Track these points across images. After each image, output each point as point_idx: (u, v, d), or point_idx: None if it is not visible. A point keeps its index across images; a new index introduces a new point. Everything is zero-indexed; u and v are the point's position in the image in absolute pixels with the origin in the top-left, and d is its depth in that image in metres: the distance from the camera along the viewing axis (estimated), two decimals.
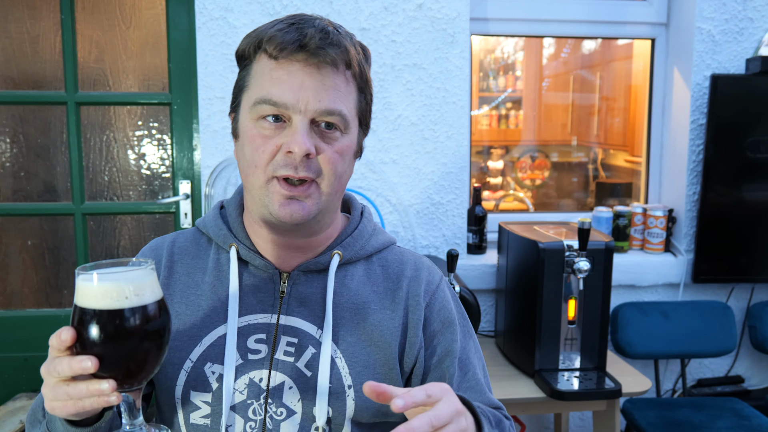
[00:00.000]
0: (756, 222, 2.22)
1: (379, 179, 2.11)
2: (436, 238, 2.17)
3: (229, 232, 0.92)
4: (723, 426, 1.96)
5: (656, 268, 2.25)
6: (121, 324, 0.67)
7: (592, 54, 2.99)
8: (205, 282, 0.91)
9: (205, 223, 0.96)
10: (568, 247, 1.69)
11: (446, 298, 0.96)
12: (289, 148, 0.79)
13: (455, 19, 2.06)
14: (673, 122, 2.33)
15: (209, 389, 0.86)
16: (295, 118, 0.80)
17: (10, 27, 2.12)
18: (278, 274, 0.90)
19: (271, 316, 0.89)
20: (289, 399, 0.86)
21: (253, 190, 0.84)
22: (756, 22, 2.18)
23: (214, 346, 0.87)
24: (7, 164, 2.18)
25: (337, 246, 0.92)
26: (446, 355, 0.92)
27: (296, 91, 0.80)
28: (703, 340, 2.21)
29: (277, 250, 0.90)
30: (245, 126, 0.84)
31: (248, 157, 0.83)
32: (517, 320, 1.87)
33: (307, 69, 0.80)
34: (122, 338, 0.67)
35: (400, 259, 0.97)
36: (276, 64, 0.81)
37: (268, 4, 1.99)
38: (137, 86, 2.18)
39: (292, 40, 0.80)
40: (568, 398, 1.62)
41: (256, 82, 0.83)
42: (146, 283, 0.70)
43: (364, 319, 0.89)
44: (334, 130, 0.83)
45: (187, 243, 0.96)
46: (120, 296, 0.67)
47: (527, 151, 3.07)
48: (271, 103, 0.80)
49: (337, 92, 0.82)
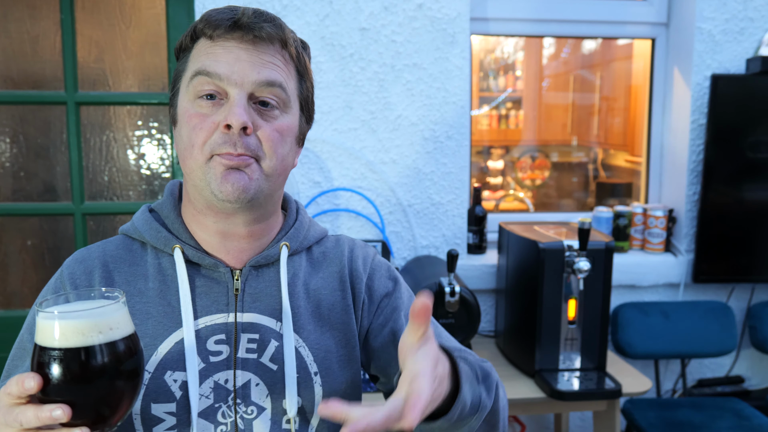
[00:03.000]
0: (756, 222, 2.22)
1: (379, 179, 2.11)
2: (436, 238, 2.17)
3: (169, 233, 0.88)
4: (723, 426, 1.96)
5: (656, 268, 2.25)
6: (94, 363, 0.61)
7: (592, 54, 2.99)
8: (149, 288, 0.86)
9: (137, 228, 0.90)
10: (568, 247, 1.69)
11: (383, 267, 0.99)
12: (227, 122, 0.77)
13: (455, 19, 2.06)
14: (673, 122, 2.32)
15: (172, 399, 0.82)
16: (231, 92, 0.79)
17: (10, 27, 2.12)
18: (230, 271, 0.87)
19: (228, 315, 0.86)
20: (257, 396, 0.85)
21: (193, 172, 0.81)
22: (756, 21, 2.18)
23: (171, 354, 0.83)
24: (7, 164, 2.18)
25: (282, 238, 0.91)
26: (393, 311, 0.94)
27: (232, 63, 0.78)
28: (703, 340, 2.21)
29: (224, 242, 0.87)
30: (183, 108, 0.82)
31: (185, 139, 0.81)
32: (517, 320, 1.87)
33: (242, 45, 0.79)
34: (96, 379, 0.61)
35: (335, 244, 0.98)
36: (212, 43, 0.80)
37: (268, 4, 1.99)
38: (137, 86, 2.18)
39: (226, 18, 0.79)
40: (568, 398, 1.62)
41: (194, 59, 0.82)
42: (119, 317, 0.64)
43: (318, 305, 0.90)
44: (272, 108, 0.81)
45: (119, 251, 0.90)
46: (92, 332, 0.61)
47: (527, 151, 3.07)
48: (206, 74, 0.79)
49: (276, 67, 0.81)
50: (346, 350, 0.91)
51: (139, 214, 0.92)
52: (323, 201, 2.10)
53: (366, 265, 0.97)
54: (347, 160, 2.09)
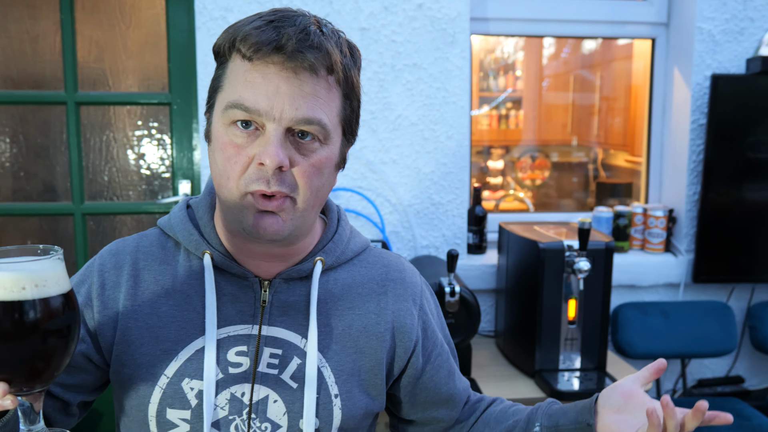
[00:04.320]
0: (756, 222, 2.22)
1: (379, 179, 2.11)
2: (436, 238, 2.17)
3: (201, 237, 0.85)
4: (723, 426, 1.96)
5: (656, 268, 2.25)
6: (18, 318, 0.59)
7: (592, 54, 2.99)
8: (176, 291, 0.84)
9: (172, 226, 0.88)
10: (568, 247, 1.69)
11: (430, 299, 0.98)
12: (261, 160, 0.73)
13: (455, 19, 2.06)
14: (673, 122, 2.32)
15: (188, 406, 0.81)
16: (268, 126, 0.74)
17: (10, 27, 2.12)
18: (258, 282, 0.84)
19: (252, 327, 0.83)
20: (273, 413, 0.82)
21: (227, 202, 0.78)
22: (756, 21, 2.18)
23: (191, 361, 0.82)
24: (7, 164, 2.18)
25: (318, 252, 0.87)
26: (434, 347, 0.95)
27: (271, 97, 0.73)
28: (703, 340, 2.21)
29: (255, 258, 0.84)
30: (217, 131, 0.78)
31: (220, 167, 0.77)
32: (517, 320, 1.87)
33: (283, 73, 0.73)
34: (19, 335, 0.60)
35: (381, 262, 0.94)
36: (250, 66, 0.74)
37: (268, 4, 1.99)
38: (137, 86, 2.18)
39: (267, 40, 0.72)
40: (569, 398, 1.62)
41: (230, 83, 0.76)
42: (50, 274, 0.62)
43: (349, 326, 0.87)
44: (312, 140, 0.76)
45: (152, 247, 0.87)
46: (16, 287, 0.60)
47: (527, 151, 3.07)
48: (243, 108, 0.73)
49: (317, 99, 0.75)
50: (370, 375, 0.88)
51: (177, 209, 0.89)
52: None
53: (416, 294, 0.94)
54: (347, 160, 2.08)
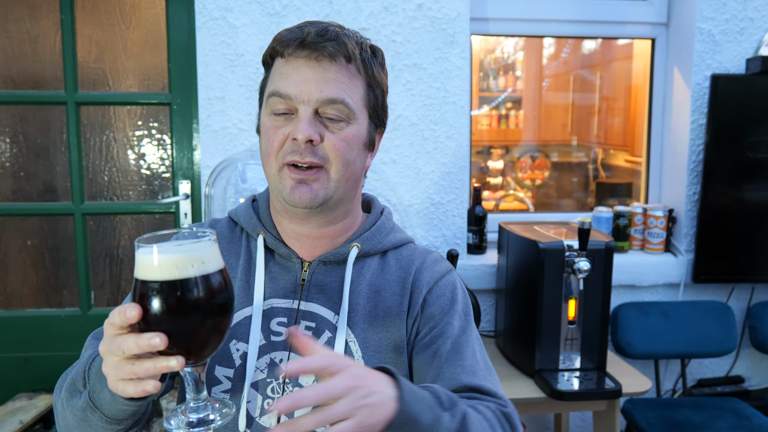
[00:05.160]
0: (756, 222, 2.22)
1: (379, 179, 2.11)
2: (436, 238, 2.17)
3: (258, 221, 0.99)
4: (723, 426, 1.96)
5: (656, 268, 2.25)
6: (189, 295, 0.65)
7: (592, 54, 2.99)
8: (238, 265, 0.97)
9: (237, 213, 1.03)
10: (568, 247, 1.69)
11: (449, 287, 0.99)
12: (294, 136, 0.86)
13: (455, 19, 2.06)
14: (673, 122, 2.32)
15: (232, 365, 0.91)
16: (300, 108, 0.87)
17: (10, 27, 2.12)
18: (300, 262, 0.96)
19: (293, 301, 0.94)
20: (305, 380, 0.90)
21: (270, 178, 0.91)
22: (756, 21, 2.18)
23: (240, 325, 0.93)
24: (7, 164, 2.18)
25: (356, 239, 0.98)
26: (439, 336, 0.94)
27: (299, 83, 0.87)
28: (703, 340, 2.21)
29: (299, 239, 0.96)
30: (263, 120, 0.92)
31: (264, 148, 0.91)
32: (517, 320, 1.87)
33: (309, 63, 0.88)
34: (191, 310, 0.65)
35: (412, 252, 1.02)
36: (285, 62, 0.89)
37: (268, 4, 1.99)
38: (137, 86, 2.18)
39: (294, 37, 0.88)
40: (568, 398, 1.62)
41: (271, 79, 0.92)
42: (211, 253, 0.68)
43: (376, 306, 0.95)
44: (338, 121, 0.89)
45: (223, 229, 1.03)
46: (186, 266, 0.65)
47: (527, 151, 3.07)
48: (278, 95, 0.88)
49: (339, 83, 0.88)
50: (395, 354, 0.93)
51: (245, 201, 1.04)
52: None
53: (432, 280, 0.99)
54: None
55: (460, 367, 0.92)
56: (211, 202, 1.93)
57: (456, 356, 0.93)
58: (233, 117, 2.03)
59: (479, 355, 0.96)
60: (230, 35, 2.00)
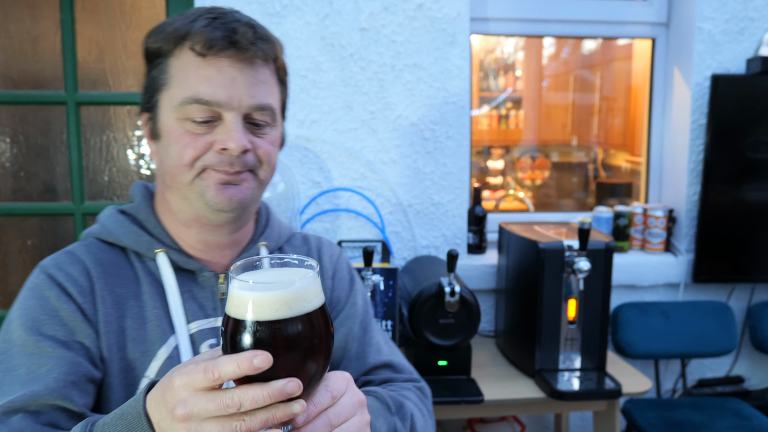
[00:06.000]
0: (756, 222, 2.22)
1: (379, 179, 2.11)
2: (436, 238, 2.17)
3: (151, 237, 0.86)
4: (723, 426, 1.96)
5: (656, 268, 2.25)
6: (312, 331, 0.58)
7: (592, 54, 2.99)
8: (143, 292, 0.84)
9: (111, 231, 0.87)
10: (568, 247, 1.69)
11: (345, 268, 1.00)
12: (224, 146, 0.77)
13: (455, 19, 2.06)
14: (673, 122, 2.32)
15: None
16: (227, 115, 0.78)
17: (10, 27, 2.12)
18: (214, 275, 0.87)
19: (216, 320, 0.86)
20: None
21: (183, 187, 0.81)
22: (756, 21, 2.18)
23: (171, 360, 0.82)
24: (7, 164, 2.18)
25: (260, 238, 0.93)
26: (348, 318, 0.96)
27: (228, 87, 0.78)
28: (703, 340, 2.21)
29: (207, 250, 0.87)
30: (169, 126, 0.80)
31: (174, 156, 0.79)
32: (517, 320, 1.87)
33: (237, 65, 0.78)
34: (316, 348, 0.59)
35: (303, 240, 1.00)
36: (203, 62, 0.78)
37: (268, 4, 1.99)
38: (137, 86, 2.18)
39: (221, 36, 0.77)
40: (568, 398, 1.62)
41: (180, 80, 0.79)
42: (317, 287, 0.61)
43: None
44: (265, 125, 0.82)
45: (101, 254, 0.86)
46: (310, 297, 0.58)
47: (527, 151, 3.07)
48: (202, 102, 0.77)
49: (266, 86, 0.82)
50: None
51: (108, 216, 0.89)
52: (323, 201, 2.10)
53: (331, 263, 0.99)
54: (347, 160, 2.09)
55: (371, 346, 0.95)
56: None
57: (366, 336, 0.96)
58: None
59: (379, 332, 1.00)
60: None
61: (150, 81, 0.83)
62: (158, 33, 0.82)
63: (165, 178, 0.83)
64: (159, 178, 0.87)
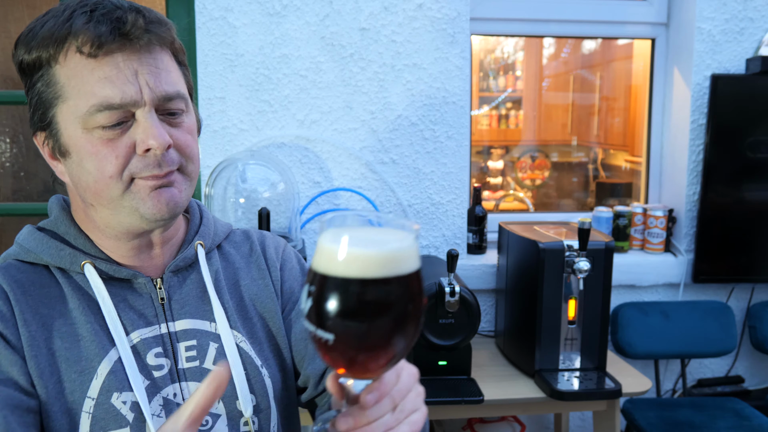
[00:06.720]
0: (756, 222, 2.22)
1: (378, 179, 2.11)
2: (436, 238, 2.17)
3: (74, 250, 0.80)
4: (723, 426, 1.96)
5: (656, 268, 2.25)
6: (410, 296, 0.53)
7: (592, 54, 2.99)
8: (71, 309, 0.78)
9: (30, 250, 0.80)
10: (568, 247, 1.69)
11: (293, 257, 0.98)
12: (146, 146, 0.71)
13: (455, 19, 2.06)
14: (673, 122, 2.32)
15: (125, 423, 0.75)
16: (139, 112, 0.72)
17: (10, 27, 2.12)
18: (150, 281, 0.82)
19: (159, 326, 0.81)
20: None
21: (112, 203, 0.75)
22: (756, 21, 2.18)
23: (113, 374, 0.76)
24: (7, 164, 2.18)
25: (194, 238, 0.88)
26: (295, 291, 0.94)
27: (132, 82, 0.71)
28: (703, 340, 2.21)
29: (137, 256, 0.82)
30: (77, 139, 0.73)
31: (93, 171, 0.73)
32: (517, 320, 1.87)
33: (134, 57, 0.71)
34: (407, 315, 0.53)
35: (244, 236, 0.96)
36: (96, 63, 0.70)
37: (268, 4, 1.99)
38: None
39: (108, 30, 0.69)
40: (568, 398, 1.62)
41: (76, 89, 0.71)
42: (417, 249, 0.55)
43: (242, 297, 0.89)
44: (178, 114, 0.77)
45: (20, 275, 0.79)
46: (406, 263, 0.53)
47: (527, 151, 3.07)
48: (113, 107, 0.70)
49: (170, 73, 0.75)
50: (279, 336, 0.90)
51: (26, 235, 0.82)
52: (323, 201, 2.10)
53: (278, 254, 0.96)
54: (347, 160, 2.09)
55: None
56: (211, 202, 1.93)
57: None
58: (233, 117, 2.03)
59: None
60: (230, 35, 2.00)
61: (36, 96, 0.74)
62: (29, 41, 0.72)
63: (86, 196, 0.76)
64: (76, 197, 0.80)
